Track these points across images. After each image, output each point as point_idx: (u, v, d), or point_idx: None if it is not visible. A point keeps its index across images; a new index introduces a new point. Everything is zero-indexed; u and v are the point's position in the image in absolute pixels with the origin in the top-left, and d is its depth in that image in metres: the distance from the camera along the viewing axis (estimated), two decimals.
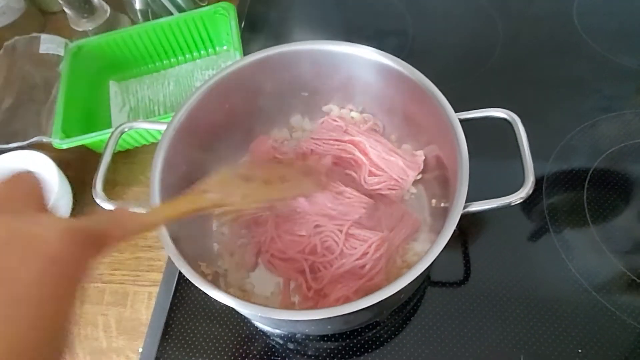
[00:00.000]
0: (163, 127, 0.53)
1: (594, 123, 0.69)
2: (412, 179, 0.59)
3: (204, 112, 0.56)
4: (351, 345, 0.56)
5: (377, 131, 0.65)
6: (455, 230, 0.43)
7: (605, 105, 0.71)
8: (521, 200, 0.46)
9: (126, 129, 0.56)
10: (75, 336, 0.61)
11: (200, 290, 0.44)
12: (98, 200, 0.51)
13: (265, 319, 0.49)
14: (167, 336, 0.59)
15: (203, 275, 0.52)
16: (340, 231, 0.54)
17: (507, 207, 0.47)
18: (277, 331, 0.58)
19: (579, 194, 0.64)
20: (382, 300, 0.40)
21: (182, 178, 0.54)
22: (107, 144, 0.54)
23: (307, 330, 0.52)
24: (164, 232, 0.46)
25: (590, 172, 0.65)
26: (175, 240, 0.46)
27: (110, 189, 0.72)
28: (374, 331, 0.57)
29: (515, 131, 0.50)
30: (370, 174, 0.58)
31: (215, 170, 0.49)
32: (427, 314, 0.57)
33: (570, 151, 0.67)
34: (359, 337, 0.57)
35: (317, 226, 0.56)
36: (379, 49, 0.56)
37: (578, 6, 0.82)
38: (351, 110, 0.66)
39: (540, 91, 0.74)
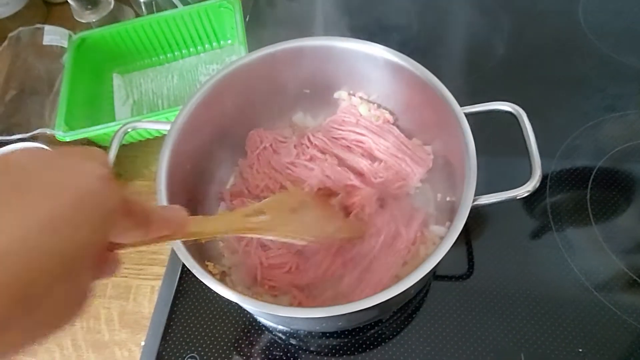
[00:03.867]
0: (165, 127, 0.53)
1: (599, 123, 0.69)
2: (419, 177, 0.58)
3: (206, 112, 0.56)
4: (354, 342, 0.57)
5: (391, 121, 0.63)
6: None
7: (609, 104, 0.71)
8: (528, 193, 0.46)
9: (129, 130, 0.55)
10: (77, 329, 0.62)
11: (203, 284, 0.44)
12: None
13: (269, 315, 0.49)
14: (169, 330, 0.59)
15: (211, 274, 0.52)
16: None
17: (511, 204, 0.47)
18: (280, 327, 0.58)
19: (583, 192, 0.64)
20: (389, 299, 0.40)
21: (185, 181, 0.54)
22: (110, 145, 0.54)
23: (316, 327, 0.52)
24: None
25: (594, 171, 0.65)
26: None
27: None
28: (377, 328, 0.57)
29: (520, 125, 0.50)
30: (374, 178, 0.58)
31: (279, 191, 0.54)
32: (431, 310, 0.57)
33: (575, 150, 0.67)
34: (362, 334, 0.57)
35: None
36: (384, 44, 0.56)
37: (584, 5, 0.82)
38: (361, 98, 0.64)
39: (544, 89, 0.74)
